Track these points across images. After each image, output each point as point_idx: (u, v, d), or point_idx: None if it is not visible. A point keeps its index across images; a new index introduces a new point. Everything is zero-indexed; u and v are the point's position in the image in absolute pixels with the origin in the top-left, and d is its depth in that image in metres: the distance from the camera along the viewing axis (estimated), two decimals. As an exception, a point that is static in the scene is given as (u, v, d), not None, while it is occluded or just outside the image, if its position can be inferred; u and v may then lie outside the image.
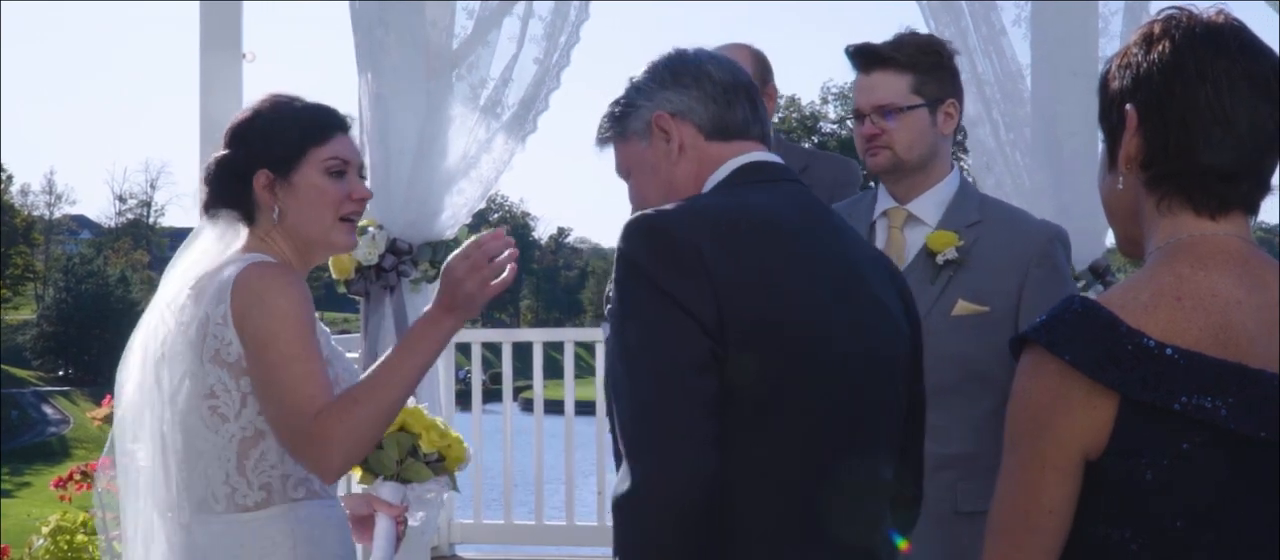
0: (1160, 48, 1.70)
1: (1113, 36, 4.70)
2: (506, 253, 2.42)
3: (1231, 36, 1.70)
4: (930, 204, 2.99)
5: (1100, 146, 1.83)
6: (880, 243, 3.00)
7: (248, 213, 2.56)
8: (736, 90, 2.13)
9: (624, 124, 2.17)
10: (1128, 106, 1.72)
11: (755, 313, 1.90)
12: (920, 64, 2.96)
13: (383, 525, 2.73)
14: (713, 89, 2.12)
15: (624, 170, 2.21)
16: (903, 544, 2.86)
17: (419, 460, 3.51)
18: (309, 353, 2.39)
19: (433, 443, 3.56)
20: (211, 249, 2.59)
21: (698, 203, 2.02)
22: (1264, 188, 1.73)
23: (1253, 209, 1.73)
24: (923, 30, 4.74)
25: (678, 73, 2.13)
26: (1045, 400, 1.64)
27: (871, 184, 3.23)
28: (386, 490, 3.41)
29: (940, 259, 2.91)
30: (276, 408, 2.39)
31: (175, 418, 2.50)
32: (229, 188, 2.56)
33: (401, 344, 2.45)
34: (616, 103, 2.19)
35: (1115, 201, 1.79)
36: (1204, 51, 1.68)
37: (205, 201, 2.61)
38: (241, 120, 2.59)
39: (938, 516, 2.83)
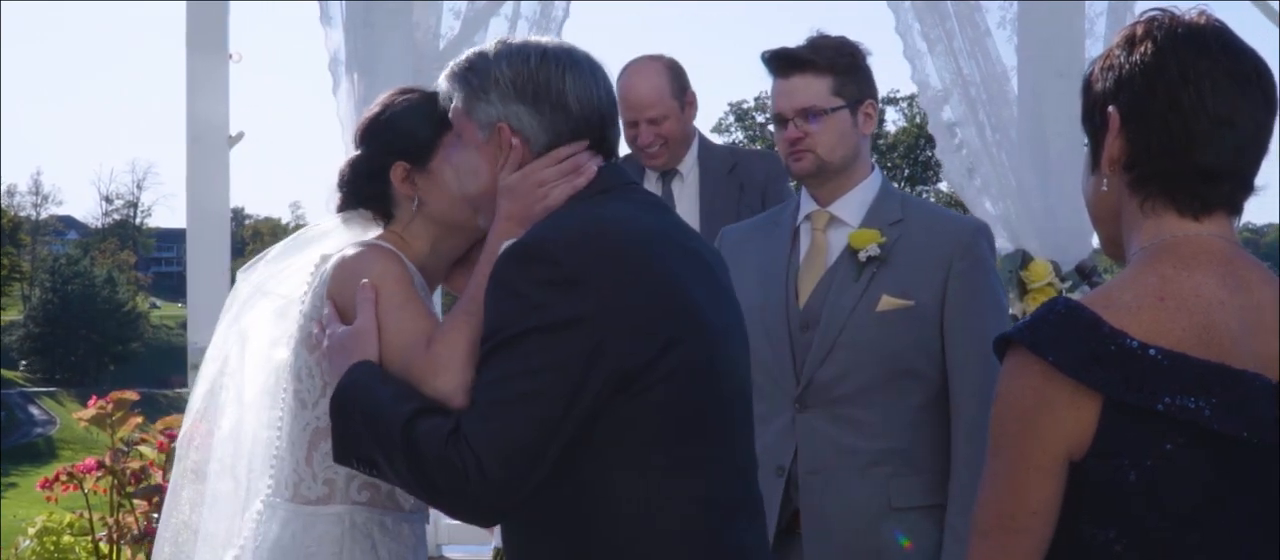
0: (1142, 49, 1.71)
1: (1098, 37, 4.71)
2: (563, 175, 2.15)
3: (1213, 37, 1.70)
4: (852, 205, 3.00)
5: (1086, 148, 1.84)
6: (804, 246, 3.02)
7: (385, 209, 2.49)
8: (586, 124, 2.13)
9: (472, 103, 2.16)
10: (1110, 108, 1.72)
11: (655, 320, 1.95)
12: (838, 65, 2.96)
13: None
14: (562, 122, 2.12)
15: (455, 132, 2.23)
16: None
17: None
18: (413, 300, 2.32)
19: None
20: (340, 241, 2.53)
21: (566, 222, 2.03)
22: (1247, 188, 1.73)
23: (1236, 209, 1.74)
24: (909, 31, 4.80)
25: (539, 93, 2.12)
26: (1029, 401, 1.64)
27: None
28: None
29: (863, 256, 2.93)
30: (394, 355, 2.26)
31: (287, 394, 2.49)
32: (364, 186, 2.50)
33: (483, 257, 2.25)
34: (472, 70, 2.16)
35: (1099, 203, 1.80)
36: (1186, 52, 1.69)
37: (338, 204, 2.55)
38: (371, 117, 2.52)
39: (873, 513, 2.85)
